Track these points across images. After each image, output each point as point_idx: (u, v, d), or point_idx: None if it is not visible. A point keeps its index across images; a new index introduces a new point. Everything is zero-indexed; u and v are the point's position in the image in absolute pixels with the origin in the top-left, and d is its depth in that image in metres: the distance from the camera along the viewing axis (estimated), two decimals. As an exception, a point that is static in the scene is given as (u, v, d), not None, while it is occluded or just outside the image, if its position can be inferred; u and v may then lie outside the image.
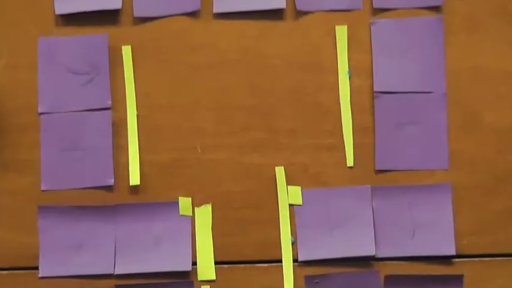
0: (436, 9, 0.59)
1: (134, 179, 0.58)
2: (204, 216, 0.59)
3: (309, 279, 0.58)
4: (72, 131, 0.59)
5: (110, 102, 0.59)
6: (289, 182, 0.59)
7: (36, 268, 0.58)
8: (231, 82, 0.59)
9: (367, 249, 0.58)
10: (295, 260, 0.58)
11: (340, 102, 0.59)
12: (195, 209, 0.59)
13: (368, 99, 0.59)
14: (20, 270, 0.58)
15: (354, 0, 0.59)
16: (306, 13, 0.59)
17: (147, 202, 0.58)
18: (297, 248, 0.58)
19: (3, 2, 0.59)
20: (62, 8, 0.59)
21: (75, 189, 0.59)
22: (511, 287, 0.58)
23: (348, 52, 0.59)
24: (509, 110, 0.59)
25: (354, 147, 0.59)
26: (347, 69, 0.59)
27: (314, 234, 0.58)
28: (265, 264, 0.58)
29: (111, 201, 0.58)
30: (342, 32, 0.59)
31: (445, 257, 0.58)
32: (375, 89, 0.59)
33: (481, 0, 0.59)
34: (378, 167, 0.59)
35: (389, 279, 0.57)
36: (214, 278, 0.58)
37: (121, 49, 0.59)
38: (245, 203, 0.59)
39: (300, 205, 0.59)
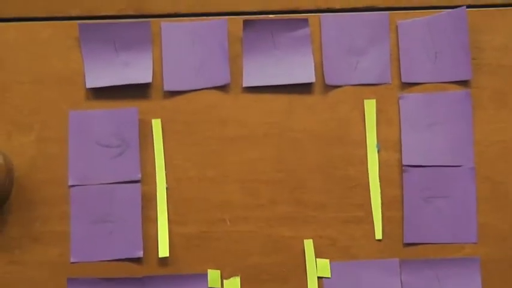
0: (464, 83, 0.59)
1: (163, 251, 0.59)
2: (232, 288, 0.59)
3: None
4: (102, 204, 0.59)
5: (139, 175, 0.59)
6: (318, 255, 0.59)
7: None
8: (259, 156, 0.59)
9: (395, 321, 0.58)
10: (323, 334, 0.58)
11: (369, 175, 0.59)
12: (224, 281, 0.59)
13: (396, 173, 0.59)
14: None
15: (383, 75, 0.59)
16: (334, 87, 0.60)
17: (176, 274, 0.59)
18: (325, 320, 0.59)
19: (35, 76, 0.60)
20: (92, 82, 0.59)
21: (104, 261, 0.59)
22: None
23: (376, 126, 0.59)
24: (537, 184, 0.59)
25: (382, 220, 0.59)
26: (376, 142, 0.59)
27: (342, 306, 0.58)
28: (294, 337, 0.59)
29: (140, 274, 0.59)
30: (370, 106, 0.59)
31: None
32: (403, 163, 0.59)
33: (508, 76, 0.59)
34: (407, 240, 0.59)
35: None
36: None
37: (151, 122, 0.59)
38: (274, 275, 0.59)
39: (328, 278, 0.59)
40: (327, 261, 0.59)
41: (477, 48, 0.60)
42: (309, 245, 0.59)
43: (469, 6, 0.59)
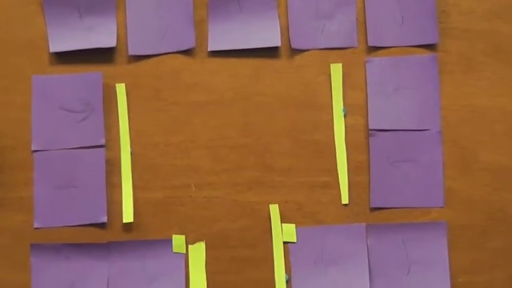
0: (431, 47, 0.59)
1: (127, 216, 0.58)
2: (197, 254, 0.58)
3: (303, 318, 0.58)
4: (66, 169, 0.58)
5: (103, 140, 0.59)
6: (284, 220, 0.58)
7: (29, 306, 0.58)
8: (226, 120, 0.59)
9: (361, 287, 0.58)
10: (289, 299, 0.58)
11: (335, 140, 0.59)
12: (189, 246, 0.58)
13: (363, 137, 0.59)
14: (13, 307, 0.58)
15: (349, 39, 0.59)
16: (300, 51, 0.59)
17: (141, 240, 0.58)
18: (291, 286, 0.58)
19: (-2, 40, 0.59)
20: (56, 47, 0.59)
21: (68, 226, 0.58)
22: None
23: (342, 90, 0.59)
24: (504, 148, 0.59)
25: (348, 185, 0.59)
26: (342, 107, 0.59)
27: (308, 272, 0.58)
28: (260, 303, 0.58)
29: (104, 239, 0.58)
30: (336, 70, 0.59)
31: (440, 296, 0.58)
32: (369, 127, 0.59)
33: (476, 40, 0.59)
34: (373, 205, 0.58)
35: (384, 319, 0.57)
36: (208, 316, 0.58)
37: (115, 87, 0.59)
38: (239, 241, 0.58)
39: (294, 243, 0.58)
40: (293, 226, 0.58)
41: (444, 12, 0.59)
42: (274, 209, 0.58)
43: (435, -30, 0.59)
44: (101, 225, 0.58)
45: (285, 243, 0.58)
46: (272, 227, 0.58)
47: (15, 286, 0.58)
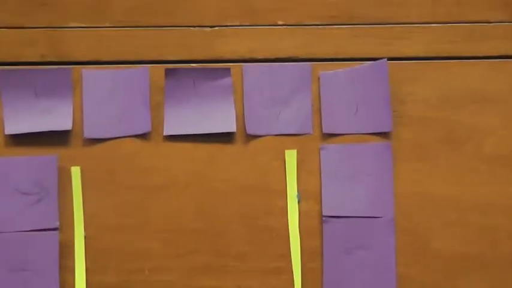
0: (385, 135, 0.60)
1: (81, 300, 0.58)
2: (151, 338, 0.58)
3: None
4: (19, 252, 0.58)
5: (57, 223, 0.58)
6: (237, 305, 0.59)
7: None
8: (180, 205, 0.59)
9: None
10: None
11: (289, 226, 0.59)
12: (142, 332, 0.58)
13: (317, 223, 0.59)
14: None
15: (304, 125, 0.60)
16: (256, 137, 0.60)
17: (93, 324, 0.58)
18: None
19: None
20: (11, 129, 0.59)
21: (20, 310, 0.58)
22: None
23: (297, 176, 0.59)
24: (456, 236, 0.59)
25: (302, 272, 0.59)
26: (296, 193, 0.59)
27: None
28: None
29: (56, 323, 0.58)
30: (291, 157, 0.59)
31: None
32: (323, 213, 0.59)
33: (428, 128, 0.60)
34: (326, 292, 0.59)
35: None
36: None
37: (70, 170, 0.59)
38: (192, 326, 0.58)
39: (247, 329, 0.58)
40: (246, 312, 0.58)
41: (398, 101, 0.60)
42: (228, 295, 0.58)
43: (390, 59, 0.60)
44: (53, 309, 0.58)
45: (237, 329, 0.58)
46: (225, 312, 0.58)
47: None
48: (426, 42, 0.60)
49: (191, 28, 0.60)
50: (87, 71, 0.59)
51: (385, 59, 0.60)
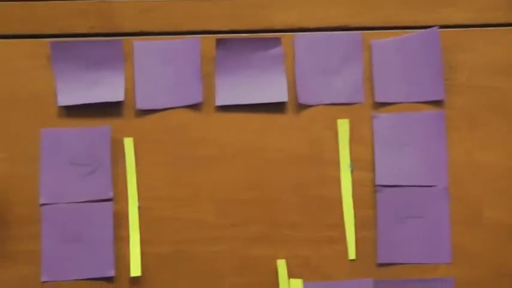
0: (437, 103, 0.59)
1: (135, 270, 0.58)
2: (204, 308, 0.58)
3: None
4: (73, 223, 0.59)
5: (111, 193, 0.59)
6: (291, 275, 0.58)
7: None
8: (232, 175, 0.59)
9: None
10: None
11: (342, 195, 0.59)
12: (196, 301, 0.58)
13: (370, 193, 0.59)
14: None
15: (356, 94, 0.59)
16: (307, 107, 0.59)
17: (148, 294, 0.58)
18: None
19: (6, 95, 0.59)
20: (64, 100, 0.59)
21: (75, 280, 0.58)
22: None
23: (349, 145, 0.59)
24: (508, 205, 0.59)
25: (355, 241, 0.59)
26: (349, 162, 0.59)
27: (315, 327, 0.58)
28: None
29: (111, 293, 0.58)
30: (343, 126, 0.59)
31: None
32: (376, 183, 0.59)
33: (482, 96, 0.59)
34: (380, 261, 0.58)
35: None
36: None
37: (123, 141, 0.59)
38: (246, 296, 0.59)
39: (301, 298, 0.58)
40: (300, 281, 0.58)
41: (450, 68, 0.59)
42: (281, 265, 0.58)
43: (442, 27, 0.59)
44: (109, 279, 0.58)
45: (291, 298, 0.58)
46: (279, 282, 0.58)
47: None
48: (477, 10, 0.60)
49: (242, -2, 0.60)
50: (138, 42, 0.60)
51: (437, 27, 0.59)
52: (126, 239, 0.59)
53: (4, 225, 0.59)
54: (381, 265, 0.59)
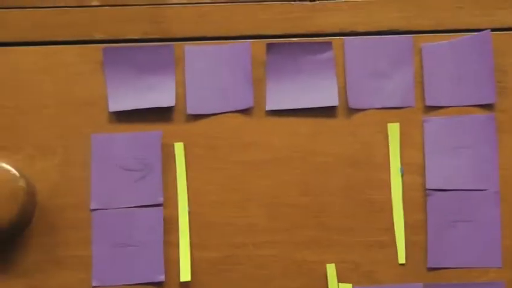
0: (488, 107, 0.59)
1: (185, 275, 0.58)
2: (254, 312, 0.59)
3: None
4: (124, 227, 0.59)
5: (162, 199, 0.59)
6: (341, 279, 0.58)
7: None
8: (283, 179, 0.59)
9: None
10: None
11: (392, 199, 0.59)
12: (247, 306, 0.59)
13: (420, 197, 0.59)
14: None
15: (406, 98, 0.59)
16: (358, 111, 0.59)
17: (199, 298, 0.58)
18: None
19: (59, 100, 0.59)
20: (115, 106, 0.59)
21: (126, 285, 0.58)
22: None
23: (400, 149, 0.59)
24: (562, 208, 0.59)
25: (405, 245, 0.59)
26: (399, 166, 0.59)
27: (365, 331, 0.58)
28: None
29: (162, 298, 0.58)
30: (394, 130, 0.59)
31: None
32: (427, 187, 0.59)
33: (534, 99, 0.59)
34: (430, 265, 0.58)
35: None
36: None
37: (173, 146, 0.59)
38: (297, 300, 0.59)
39: (351, 303, 0.58)
40: (350, 285, 0.58)
41: (502, 72, 0.59)
42: (331, 269, 0.58)
43: (494, 30, 0.59)
44: (159, 284, 0.59)
45: (342, 303, 0.58)
46: (329, 286, 0.58)
47: None
48: (528, 13, 0.60)
49: (292, 3, 0.60)
50: (189, 47, 0.60)
51: (489, 30, 0.59)
52: (176, 244, 0.59)
53: (55, 230, 0.59)
54: (431, 269, 0.59)
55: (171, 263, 0.59)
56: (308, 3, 0.60)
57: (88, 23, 0.60)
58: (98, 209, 0.59)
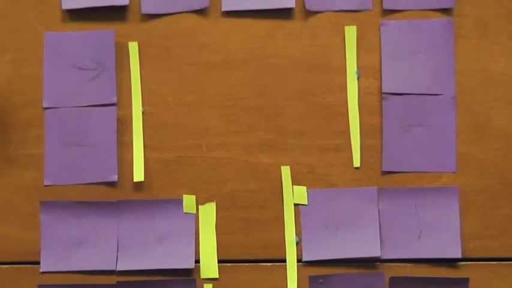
0: (446, 11, 0.58)
1: (138, 175, 0.58)
2: (208, 214, 0.58)
3: (313, 279, 0.58)
4: (77, 127, 0.58)
5: (115, 98, 0.58)
6: (295, 182, 0.58)
7: (38, 263, 0.58)
8: (238, 82, 0.58)
9: (372, 250, 0.57)
10: (299, 260, 0.58)
11: (348, 103, 0.58)
12: (199, 207, 0.58)
13: (376, 101, 0.59)
14: (22, 265, 0.58)
15: (364, 1, 0.59)
16: (315, 13, 0.59)
17: (151, 199, 0.58)
18: (301, 248, 0.58)
19: (10, -4, 0.59)
20: (68, 3, 0.58)
21: (78, 184, 0.58)
22: (516, 293, 0.58)
23: (356, 53, 0.58)
24: (517, 114, 0.58)
25: (361, 149, 0.58)
26: (356, 70, 0.58)
27: (319, 234, 0.58)
28: (269, 264, 0.58)
29: (114, 198, 0.58)
30: (351, 33, 0.58)
31: (450, 260, 0.58)
32: (383, 90, 0.58)
33: (492, 4, 0.58)
34: (385, 169, 0.58)
35: (394, 281, 0.57)
36: (217, 276, 0.58)
37: (128, 45, 0.58)
38: (250, 202, 0.58)
39: (305, 205, 0.58)
40: (304, 188, 0.58)
41: (460, -24, 0.59)
42: (286, 171, 0.58)
43: None
44: (112, 184, 0.58)
45: (295, 205, 0.58)
46: (283, 189, 0.58)
47: (25, 243, 0.58)
48: None
49: None
50: None
51: None
52: (129, 145, 0.58)
53: (7, 129, 0.58)
54: (386, 173, 0.58)
55: (125, 163, 0.58)
56: None
57: None
58: (50, 108, 0.58)
